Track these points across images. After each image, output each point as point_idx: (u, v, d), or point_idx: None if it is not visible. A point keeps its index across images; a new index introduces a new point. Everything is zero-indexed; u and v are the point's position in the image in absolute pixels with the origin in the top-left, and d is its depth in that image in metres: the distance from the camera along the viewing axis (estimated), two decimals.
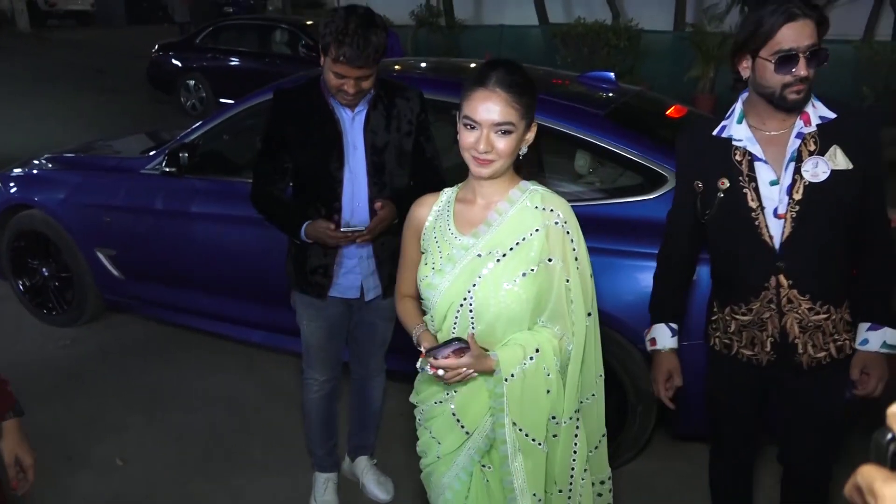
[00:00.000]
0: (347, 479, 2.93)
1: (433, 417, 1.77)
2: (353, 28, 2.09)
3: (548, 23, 13.28)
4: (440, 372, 1.58)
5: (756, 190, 1.85)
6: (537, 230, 1.62)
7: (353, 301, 2.51)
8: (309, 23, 10.38)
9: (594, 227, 2.75)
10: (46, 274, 4.19)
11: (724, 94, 10.15)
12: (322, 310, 2.50)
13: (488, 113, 1.55)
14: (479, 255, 1.63)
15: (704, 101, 9.98)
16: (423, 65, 4.24)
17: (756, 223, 1.86)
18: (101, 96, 11.83)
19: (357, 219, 2.35)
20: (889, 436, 0.49)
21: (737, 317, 1.97)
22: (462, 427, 1.70)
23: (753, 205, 1.85)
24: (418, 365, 1.66)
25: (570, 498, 1.75)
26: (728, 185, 1.87)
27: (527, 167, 1.77)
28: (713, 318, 2.07)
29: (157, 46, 11.33)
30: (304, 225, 2.32)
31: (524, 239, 1.62)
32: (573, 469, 1.74)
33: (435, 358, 1.57)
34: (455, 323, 1.67)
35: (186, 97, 10.79)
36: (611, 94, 3.45)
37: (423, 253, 1.75)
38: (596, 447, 1.84)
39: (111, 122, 9.43)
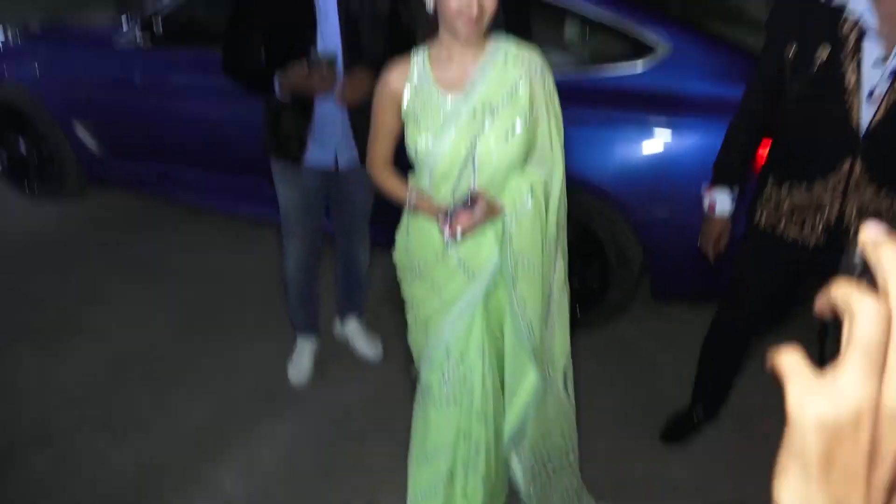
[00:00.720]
0: (338, 340, 3.05)
1: (433, 271, 1.86)
2: None
3: None
4: (459, 235, 1.65)
5: (857, 68, 1.71)
6: (521, 79, 1.70)
7: (329, 173, 2.52)
8: None
9: (583, 97, 2.76)
10: (24, 150, 4.15)
11: None
12: (298, 178, 2.51)
13: None
14: (475, 112, 1.69)
15: None
16: None
17: (846, 103, 1.74)
18: None
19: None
20: (858, 254, 0.52)
21: (794, 196, 1.92)
22: (466, 272, 1.82)
23: (849, 82, 1.73)
24: (446, 239, 1.68)
25: (549, 312, 1.92)
26: (828, 56, 1.74)
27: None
28: (764, 192, 2.01)
29: None
30: (277, 75, 2.27)
31: (512, 90, 1.69)
32: (552, 286, 1.91)
33: (452, 221, 1.63)
34: (458, 180, 1.73)
35: None
36: None
37: (408, 121, 1.77)
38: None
39: None
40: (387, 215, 2.85)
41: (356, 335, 2.98)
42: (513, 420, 2.02)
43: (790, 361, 0.36)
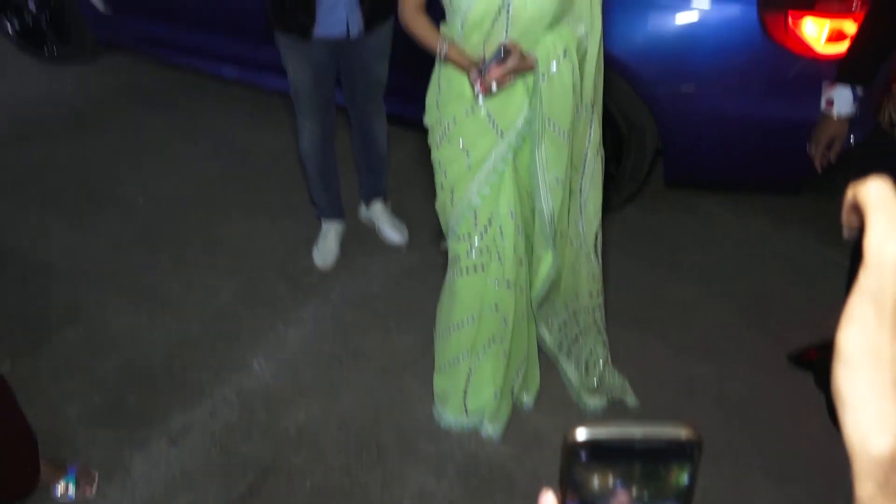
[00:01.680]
0: (364, 224, 3.02)
1: (463, 127, 1.85)
2: None
3: None
4: (493, 88, 1.67)
5: None
6: None
7: (340, 41, 2.38)
8: None
9: None
10: (34, 10, 3.98)
11: None
12: (307, 53, 2.39)
13: None
14: None
15: None
16: None
17: None
18: None
19: None
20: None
21: None
22: (496, 128, 1.83)
23: None
24: (477, 94, 1.70)
25: (583, 174, 1.97)
26: None
27: None
28: (892, 91, 1.85)
29: None
30: None
31: None
32: (587, 151, 1.93)
33: (484, 75, 1.65)
34: (491, 30, 1.70)
35: None
36: None
37: None
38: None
39: None
40: (407, 89, 2.76)
41: (381, 219, 2.94)
42: (539, 283, 2.06)
43: (877, 193, 0.33)
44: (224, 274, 2.79)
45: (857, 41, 1.93)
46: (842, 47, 2.39)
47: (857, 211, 0.33)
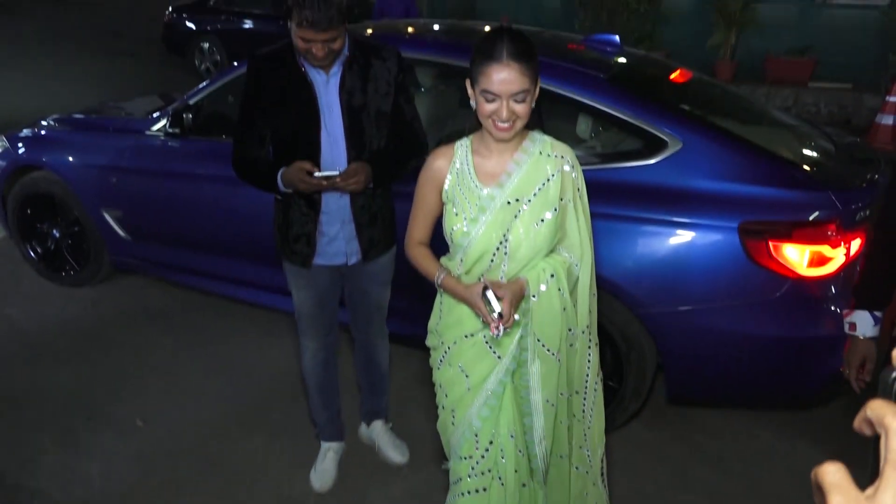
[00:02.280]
0: (364, 443, 2.97)
1: (462, 351, 1.93)
2: None
3: None
4: (496, 332, 1.74)
5: None
6: (553, 175, 1.83)
7: (340, 269, 2.51)
8: None
9: (595, 191, 2.74)
10: (58, 235, 4.22)
11: (744, 61, 9.94)
12: (310, 279, 2.51)
13: (506, 84, 1.69)
14: (509, 203, 1.81)
15: (725, 67, 9.79)
16: (436, 27, 4.18)
17: None
18: (115, 58, 11.79)
19: None
20: (894, 374, 0.55)
21: None
22: (494, 353, 1.90)
23: None
24: (495, 333, 1.73)
25: (584, 399, 2.01)
26: None
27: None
28: None
29: (170, 8, 11.24)
30: (281, 172, 2.28)
31: (544, 184, 1.82)
32: (587, 375, 1.99)
33: (499, 322, 1.71)
34: (491, 263, 1.84)
35: (200, 60, 10.73)
36: (615, 58, 3.39)
37: (447, 204, 1.89)
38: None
39: (125, 84, 9.40)
40: (410, 310, 2.86)
41: (382, 439, 2.90)
42: None
43: (833, 476, 0.37)
44: (217, 498, 2.68)
45: (866, 269, 2.04)
46: (826, 270, 2.51)
47: (820, 491, 0.37)
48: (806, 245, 2.49)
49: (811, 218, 2.50)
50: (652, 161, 2.73)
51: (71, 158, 3.97)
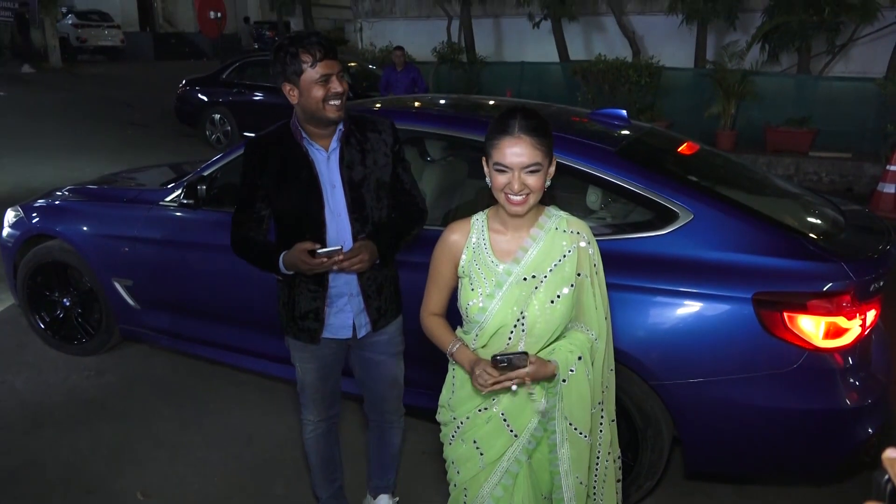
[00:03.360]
0: None
1: (476, 426, 1.91)
2: (304, 34, 2.16)
3: (568, 60, 13.39)
4: (514, 387, 1.77)
5: None
6: (569, 252, 1.85)
7: (348, 340, 2.49)
8: None
9: (607, 262, 2.75)
10: (68, 304, 4.23)
11: (744, 131, 10.12)
12: (315, 352, 2.48)
13: (518, 157, 1.74)
14: (525, 279, 1.82)
15: (725, 137, 9.97)
16: (443, 101, 4.30)
17: None
18: (128, 130, 12.09)
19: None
20: (886, 477, 0.57)
21: None
22: (511, 430, 1.88)
23: None
24: (513, 387, 1.78)
25: (595, 476, 1.98)
26: None
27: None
28: None
29: (184, 81, 11.59)
30: (283, 255, 2.28)
31: (560, 260, 1.84)
32: (598, 452, 1.97)
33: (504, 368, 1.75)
34: (509, 340, 1.85)
35: (212, 131, 11.02)
36: (623, 131, 3.44)
37: (463, 278, 1.91)
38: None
39: (138, 154, 9.61)
40: (418, 380, 2.83)
41: None
42: None
43: None
44: None
45: None
46: (842, 341, 2.48)
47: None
48: (822, 316, 2.47)
49: (825, 289, 2.48)
50: (664, 232, 2.74)
51: (84, 228, 4.02)
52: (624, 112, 3.61)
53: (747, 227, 2.70)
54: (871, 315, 2.56)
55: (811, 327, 2.48)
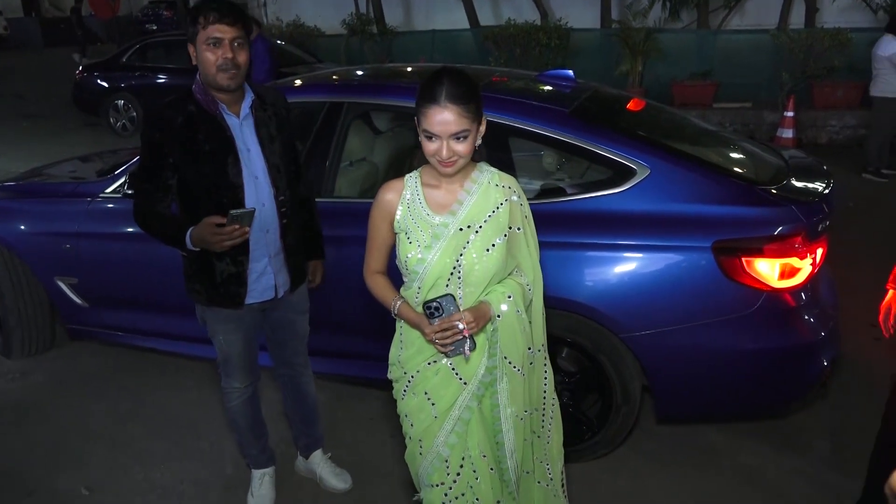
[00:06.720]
0: (304, 476, 2.98)
1: (426, 379, 1.98)
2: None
3: (479, 25, 13.42)
4: (468, 353, 1.85)
5: None
6: (502, 204, 1.91)
7: (267, 303, 2.52)
8: None
9: (567, 222, 2.82)
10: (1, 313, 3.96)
11: (652, 87, 10.46)
12: (239, 320, 2.50)
13: (445, 125, 1.78)
14: (461, 229, 1.89)
15: (634, 93, 10.24)
16: (360, 73, 4.25)
17: None
18: (24, 122, 11.41)
19: (265, 219, 2.37)
20: None
21: None
22: (460, 378, 1.95)
23: None
24: (466, 351, 1.86)
25: (543, 416, 2.09)
26: None
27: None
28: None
29: (80, 68, 11.00)
30: (190, 230, 2.27)
31: (493, 212, 1.90)
32: (545, 392, 2.08)
33: (464, 346, 1.84)
34: (446, 288, 1.90)
35: (116, 118, 10.53)
36: (572, 92, 3.46)
37: (399, 234, 1.95)
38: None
39: (40, 148, 9.11)
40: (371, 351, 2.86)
41: (323, 469, 2.92)
42: None
43: None
44: None
45: None
46: (796, 280, 2.63)
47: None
48: (777, 259, 2.59)
49: (778, 232, 2.61)
50: (623, 189, 2.80)
51: (20, 227, 3.77)
52: (570, 72, 3.66)
53: (702, 178, 2.78)
54: (819, 254, 2.70)
55: (767, 270, 2.60)
